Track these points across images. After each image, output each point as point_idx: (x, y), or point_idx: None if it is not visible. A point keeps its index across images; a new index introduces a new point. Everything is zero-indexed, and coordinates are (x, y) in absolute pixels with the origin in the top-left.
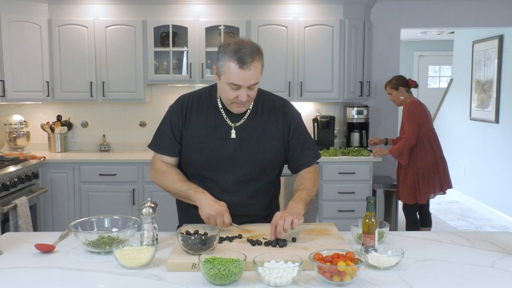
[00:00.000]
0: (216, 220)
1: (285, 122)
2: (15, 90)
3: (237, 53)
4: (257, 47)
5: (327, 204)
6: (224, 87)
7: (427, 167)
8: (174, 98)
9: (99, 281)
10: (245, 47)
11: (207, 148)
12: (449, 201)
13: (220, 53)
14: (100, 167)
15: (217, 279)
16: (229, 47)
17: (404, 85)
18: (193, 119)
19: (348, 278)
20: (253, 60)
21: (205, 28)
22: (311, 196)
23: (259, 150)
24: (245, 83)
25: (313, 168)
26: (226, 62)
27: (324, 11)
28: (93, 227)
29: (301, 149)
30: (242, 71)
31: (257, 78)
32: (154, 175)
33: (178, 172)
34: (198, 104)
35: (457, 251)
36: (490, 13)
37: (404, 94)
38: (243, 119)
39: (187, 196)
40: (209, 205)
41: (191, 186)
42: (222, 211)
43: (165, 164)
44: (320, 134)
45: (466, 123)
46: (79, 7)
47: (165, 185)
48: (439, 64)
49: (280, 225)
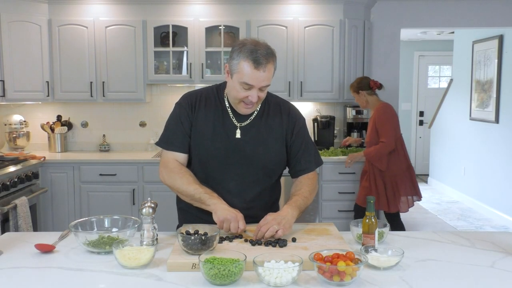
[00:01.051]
0: (231, 225)
1: (289, 125)
2: (15, 90)
3: (253, 54)
4: (271, 50)
5: (327, 204)
6: (236, 86)
7: (402, 174)
8: (174, 98)
9: (99, 281)
10: (260, 48)
11: (213, 146)
12: (449, 201)
13: (235, 52)
14: (100, 167)
15: (217, 279)
16: (245, 47)
17: (364, 88)
18: (200, 117)
19: (348, 278)
20: (268, 62)
21: (205, 28)
22: (307, 204)
23: (264, 152)
24: (257, 84)
25: (312, 174)
26: (241, 61)
27: (324, 11)
28: (93, 227)
29: (302, 154)
30: (256, 72)
31: (270, 80)
32: (167, 174)
33: (192, 174)
34: (206, 102)
35: (457, 251)
36: (490, 13)
37: (367, 97)
38: (249, 119)
39: (201, 200)
40: (225, 210)
41: (207, 190)
42: (238, 216)
43: (179, 164)
44: (320, 134)
45: (466, 123)
46: (79, 7)
47: (178, 186)
48: (439, 64)
49: (261, 232)
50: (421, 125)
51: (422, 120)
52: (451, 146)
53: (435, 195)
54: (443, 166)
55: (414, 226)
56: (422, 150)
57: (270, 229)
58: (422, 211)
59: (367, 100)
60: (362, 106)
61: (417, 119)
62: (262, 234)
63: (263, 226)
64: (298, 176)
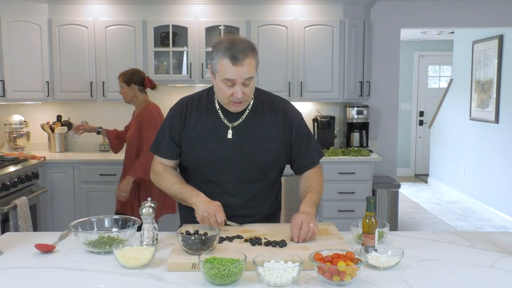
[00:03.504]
0: (211, 220)
1: (287, 123)
2: (15, 90)
3: (230, 50)
4: (250, 43)
5: (327, 204)
6: (220, 85)
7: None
8: (174, 98)
9: (99, 281)
10: (238, 44)
11: (206, 150)
12: (449, 201)
13: (214, 52)
14: (100, 167)
15: (217, 279)
16: (222, 45)
17: (138, 83)
18: (192, 121)
19: (348, 278)
20: (246, 56)
21: (205, 28)
22: (320, 197)
23: (258, 151)
24: (238, 78)
25: (318, 168)
26: (219, 59)
27: (324, 11)
28: (93, 227)
29: (305, 149)
30: (234, 67)
31: (251, 73)
32: (153, 177)
33: (175, 175)
34: (197, 106)
35: (457, 251)
36: (490, 13)
37: (137, 93)
38: (241, 119)
39: (183, 199)
40: (202, 207)
41: (187, 189)
42: (214, 210)
43: (163, 166)
44: (320, 134)
45: (466, 123)
46: (79, 7)
47: (163, 187)
48: (439, 64)
49: (304, 231)
50: (421, 125)
51: (422, 120)
52: (451, 146)
53: (435, 195)
54: (443, 166)
55: (414, 226)
56: (422, 150)
57: (310, 228)
58: (422, 211)
59: (136, 96)
60: (126, 100)
61: (417, 119)
62: (304, 233)
63: (303, 225)
64: (304, 171)
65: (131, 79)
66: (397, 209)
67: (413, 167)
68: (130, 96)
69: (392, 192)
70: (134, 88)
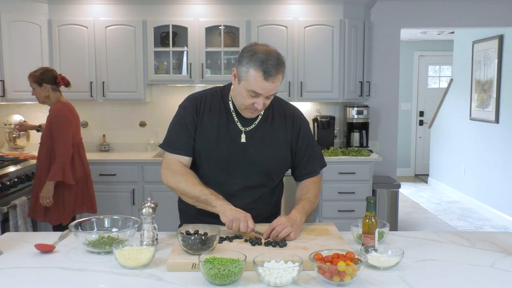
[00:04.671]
0: (240, 224)
1: (294, 130)
2: (15, 90)
3: (264, 64)
4: (282, 59)
5: (327, 204)
6: (242, 92)
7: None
8: (174, 98)
9: (99, 281)
10: (271, 58)
11: (217, 151)
12: (449, 201)
13: (245, 59)
14: (100, 167)
15: (217, 279)
16: (256, 56)
17: (50, 82)
18: (205, 120)
19: (348, 278)
20: (277, 73)
21: (205, 28)
22: (312, 208)
23: (267, 156)
24: (265, 93)
25: (317, 178)
26: (251, 69)
27: (324, 11)
28: (93, 227)
29: (308, 158)
30: (265, 82)
31: (277, 88)
32: (171, 176)
33: (196, 176)
34: (210, 105)
35: (457, 251)
36: (490, 13)
37: (50, 92)
38: (254, 124)
39: (207, 201)
40: (233, 210)
41: (213, 192)
42: (247, 216)
43: (183, 165)
44: (320, 134)
45: (466, 123)
46: (79, 7)
47: (183, 188)
48: (439, 64)
49: (276, 231)
50: (421, 125)
51: (422, 120)
52: (451, 146)
53: (435, 195)
54: (443, 166)
55: (414, 226)
56: (422, 150)
57: (285, 230)
58: (422, 211)
59: (49, 96)
60: (40, 101)
61: (417, 119)
62: (277, 233)
63: (278, 225)
64: (303, 179)
65: (42, 79)
66: (397, 209)
67: (413, 167)
68: (43, 96)
69: (392, 192)
70: (47, 88)
